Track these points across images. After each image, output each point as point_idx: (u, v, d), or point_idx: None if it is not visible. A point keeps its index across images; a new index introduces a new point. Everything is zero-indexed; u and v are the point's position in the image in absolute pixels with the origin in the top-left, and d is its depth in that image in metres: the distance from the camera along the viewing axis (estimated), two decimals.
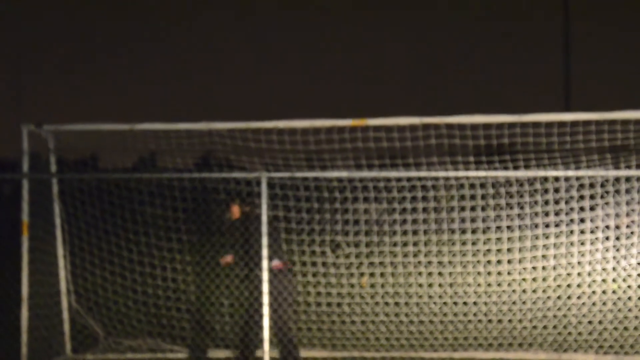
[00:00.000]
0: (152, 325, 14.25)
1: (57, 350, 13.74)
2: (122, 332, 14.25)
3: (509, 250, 13.68)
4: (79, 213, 14.16)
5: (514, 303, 13.55)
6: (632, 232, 13.17)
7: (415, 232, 13.98)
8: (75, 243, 14.19)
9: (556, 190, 13.54)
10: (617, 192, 13.27)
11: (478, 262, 13.76)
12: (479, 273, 13.75)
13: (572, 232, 13.46)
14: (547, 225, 13.57)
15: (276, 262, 12.69)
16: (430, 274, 13.83)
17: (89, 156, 15.13)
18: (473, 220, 13.84)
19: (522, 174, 12.84)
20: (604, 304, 13.23)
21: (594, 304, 13.26)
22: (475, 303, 13.67)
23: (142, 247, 14.37)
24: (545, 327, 13.41)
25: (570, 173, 12.32)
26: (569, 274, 13.45)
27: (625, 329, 13.06)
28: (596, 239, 13.31)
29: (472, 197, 13.85)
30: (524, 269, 13.62)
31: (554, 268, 13.52)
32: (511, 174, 12.70)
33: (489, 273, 13.74)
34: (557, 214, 13.54)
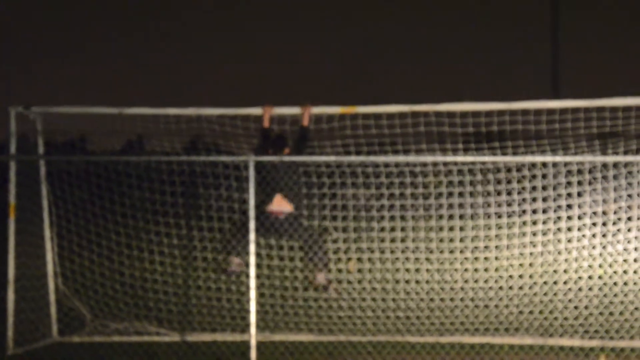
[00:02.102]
0: (139, 308, 14.24)
1: (43, 333, 13.73)
2: (109, 315, 14.24)
3: (496, 236, 13.70)
4: (66, 195, 14.15)
5: (500, 288, 13.58)
6: (619, 219, 13.20)
7: (403, 218, 13.99)
8: (63, 225, 14.17)
9: (544, 177, 13.57)
10: (605, 178, 13.31)
11: (466, 247, 13.78)
12: (466, 258, 13.77)
13: (559, 218, 13.49)
14: (535, 212, 13.59)
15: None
16: (417, 259, 13.85)
17: (77, 138, 15.11)
18: (461, 206, 13.86)
19: (510, 159, 12.85)
20: (590, 289, 13.27)
21: (580, 289, 13.30)
22: (462, 288, 13.70)
23: (130, 230, 14.36)
24: (531, 312, 13.44)
25: (558, 159, 12.34)
26: (555, 260, 13.49)
27: (611, 314, 13.11)
28: (583, 225, 13.34)
29: (461, 183, 13.86)
30: (512, 254, 13.65)
31: (542, 254, 13.55)
32: (499, 159, 12.71)
33: (476, 259, 13.76)
34: (545, 200, 13.56)
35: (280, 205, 13.23)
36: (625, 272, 13.09)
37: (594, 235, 13.28)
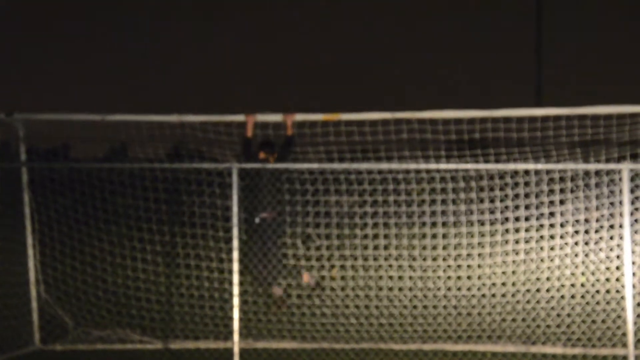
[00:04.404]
0: (122, 316, 14.21)
1: (25, 341, 13.67)
2: (92, 323, 14.20)
3: (479, 243, 13.73)
4: (49, 202, 14.10)
5: (483, 296, 13.61)
6: (601, 226, 13.24)
7: (386, 225, 14.00)
8: (45, 232, 14.13)
9: (526, 184, 13.61)
10: (587, 186, 13.35)
11: (448, 255, 13.80)
12: (449, 266, 13.79)
13: (542, 225, 13.53)
14: (517, 219, 13.63)
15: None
16: (400, 266, 13.87)
17: (60, 145, 15.08)
18: (444, 213, 13.88)
19: (492, 166, 12.89)
20: (573, 297, 13.31)
21: (562, 297, 13.34)
22: (445, 296, 13.72)
23: (113, 237, 14.33)
24: (514, 320, 13.47)
25: (540, 166, 12.39)
26: (538, 267, 13.53)
27: (593, 322, 13.14)
28: (566, 232, 13.39)
29: (443, 191, 13.89)
30: (494, 262, 13.68)
31: (524, 261, 13.59)
32: (482, 166, 12.76)
33: (459, 266, 13.79)
34: (527, 207, 13.60)
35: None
36: (607, 279, 13.13)
37: (576, 243, 13.32)
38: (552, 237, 13.45)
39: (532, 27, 39.86)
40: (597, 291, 13.19)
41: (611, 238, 13.14)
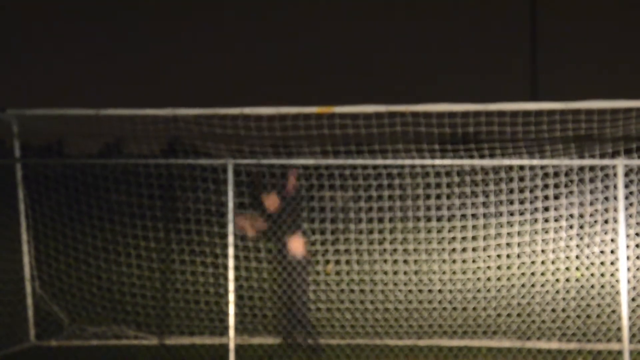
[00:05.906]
0: (117, 312, 14.21)
1: (20, 337, 13.68)
2: (87, 319, 14.20)
3: (473, 238, 13.75)
4: (43, 199, 14.08)
5: (478, 291, 13.63)
6: (595, 221, 13.27)
7: (380, 220, 14.01)
8: (40, 229, 14.11)
9: (521, 179, 13.62)
10: (581, 181, 13.37)
11: (443, 249, 13.82)
12: (443, 261, 13.81)
13: (536, 220, 13.55)
14: (511, 214, 13.65)
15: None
16: (395, 261, 13.88)
17: (54, 141, 15.05)
18: (438, 208, 13.89)
19: (487, 162, 12.90)
20: (567, 292, 13.34)
21: (557, 292, 13.37)
22: (440, 291, 13.74)
23: (107, 233, 14.32)
24: (509, 315, 13.50)
25: (535, 162, 12.40)
26: (532, 262, 13.55)
27: (588, 316, 13.18)
28: (560, 227, 13.41)
29: (437, 185, 13.89)
30: (489, 256, 13.70)
31: (518, 256, 13.61)
32: (476, 162, 12.76)
33: (453, 261, 13.81)
34: (521, 202, 13.62)
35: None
36: (602, 274, 13.16)
37: (570, 238, 13.35)
38: (546, 232, 13.47)
39: (527, 21, 39.86)
40: (592, 286, 13.22)
41: (605, 233, 13.17)
